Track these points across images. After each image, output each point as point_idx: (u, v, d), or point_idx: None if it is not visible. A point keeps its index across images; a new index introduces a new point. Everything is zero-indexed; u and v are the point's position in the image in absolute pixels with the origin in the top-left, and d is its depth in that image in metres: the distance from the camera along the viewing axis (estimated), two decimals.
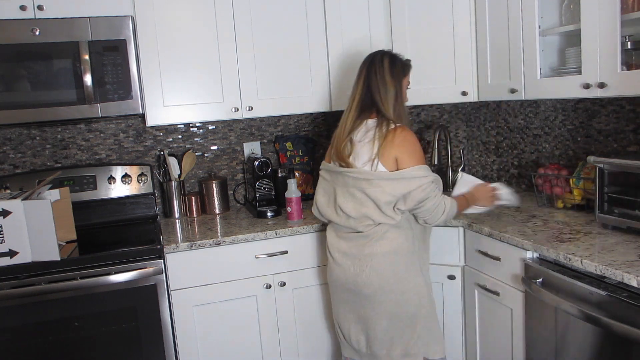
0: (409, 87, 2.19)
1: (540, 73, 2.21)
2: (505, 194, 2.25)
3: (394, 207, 2.00)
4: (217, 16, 2.56)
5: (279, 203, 2.82)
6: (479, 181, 2.29)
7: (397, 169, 2.01)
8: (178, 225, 2.66)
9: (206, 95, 2.59)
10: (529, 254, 1.97)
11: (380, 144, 2.02)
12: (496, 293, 2.15)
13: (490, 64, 2.49)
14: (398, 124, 2.06)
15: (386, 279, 2.03)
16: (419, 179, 1.98)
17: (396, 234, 2.04)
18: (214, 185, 2.84)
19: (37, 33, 2.29)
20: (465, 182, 2.28)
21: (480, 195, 2.22)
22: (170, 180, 2.82)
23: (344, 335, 2.22)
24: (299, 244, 2.45)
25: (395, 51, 2.20)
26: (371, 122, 2.09)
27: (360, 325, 2.14)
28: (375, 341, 2.11)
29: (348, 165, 2.08)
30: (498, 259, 2.13)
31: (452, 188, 2.31)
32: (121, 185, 2.75)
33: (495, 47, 2.44)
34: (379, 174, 2.01)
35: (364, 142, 2.06)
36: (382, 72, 2.08)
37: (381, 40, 2.77)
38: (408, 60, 2.20)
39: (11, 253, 2.08)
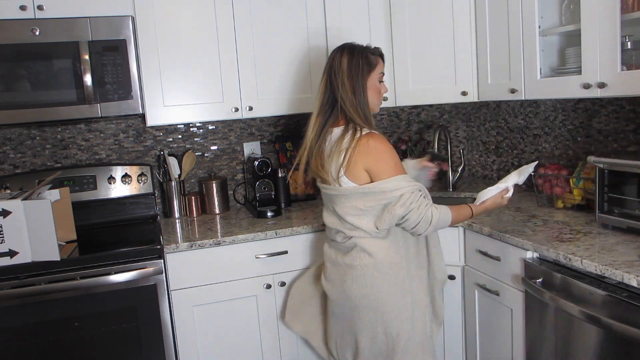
0: (382, 80, 1.97)
1: (540, 73, 2.21)
2: (513, 179, 2.04)
3: (373, 223, 1.86)
4: (217, 16, 2.56)
5: (279, 203, 2.82)
6: (496, 191, 2.04)
7: (371, 182, 1.85)
8: (178, 225, 2.66)
9: (206, 95, 2.59)
10: (529, 254, 1.97)
11: (345, 156, 1.83)
12: (496, 293, 2.15)
13: (490, 64, 2.49)
14: (366, 131, 1.86)
15: (366, 294, 1.90)
16: (394, 191, 1.81)
17: (378, 246, 1.89)
18: (214, 185, 2.84)
19: (37, 33, 2.29)
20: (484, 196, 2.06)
21: (491, 201, 2.01)
22: (170, 180, 2.81)
23: (329, 350, 2.17)
24: (299, 244, 2.45)
25: (367, 42, 2.00)
26: (337, 131, 1.91)
27: (346, 340, 2.06)
28: (359, 357, 2.02)
29: (322, 179, 1.94)
30: (498, 259, 2.13)
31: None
32: (121, 185, 2.75)
33: (495, 47, 2.44)
34: (345, 190, 1.87)
35: (331, 155, 1.89)
36: (340, 73, 1.89)
37: (381, 40, 2.77)
38: (376, 50, 1.98)
39: (11, 253, 2.08)
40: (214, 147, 2.99)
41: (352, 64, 1.89)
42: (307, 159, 1.97)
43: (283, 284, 2.44)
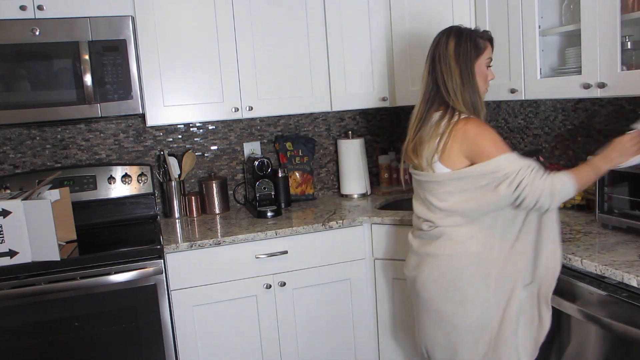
0: (490, 65, 1.87)
1: (540, 73, 2.21)
2: None
3: (469, 207, 1.75)
4: (217, 16, 2.56)
5: (279, 203, 2.82)
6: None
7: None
8: (178, 225, 2.66)
9: (206, 95, 2.59)
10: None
11: (440, 141, 1.76)
12: None
13: None
14: (464, 116, 1.77)
15: (444, 285, 1.81)
16: (495, 172, 1.69)
17: (466, 235, 1.78)
18: (214, 185, 2.84)
19: (37, 33, 2.29)
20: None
21: (618, 150, 1.75)
22: (170, 180, 2.81)
23: (419, 345, 2.05)
24: (299, 244, 2.45)
25: (472, 24, 1.87)
26: (435, 116, 1.83)
27: (422, 332, 1.97)
28: (434, 353, 1.92)
29: (416, 167, 1.88)
30: None
31: None
32: (121, 185, 2.75)
33: (495, 47, 2.43)
34: (438, 175, 1.78)
35: (427, 140, 1.82)
36: (446, 56, 1.80)
37: (381, 40, 2.78)
38: (484, 33, 1.87)
39: (11, 253, 2.08)
40: (214, 147, 2.99)
41: (460, 47, 1.80)
42: (405, 144, 1.90)
43: (283, 284, 2.44)
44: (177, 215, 2.83)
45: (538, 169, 1.71)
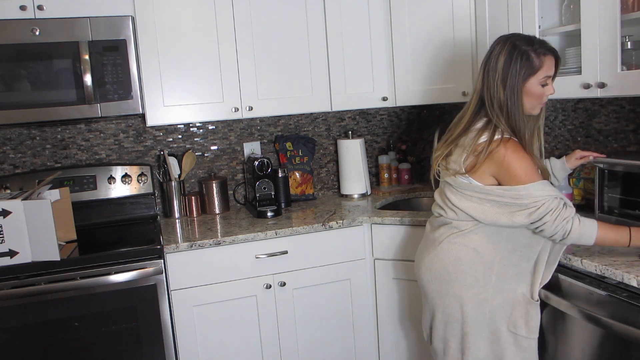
0: (546, 83, 1.75)
1: None
2: None
3: (483, 214, 1.75)
4: (217, 16, 2.56)
5: (279, 203, 2.82)
6: None
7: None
8: (178, 225, 2.66)
9: (206, 95, 2.59)
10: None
11: (478, 159, 1.73)
12: None
13: None
14: (504, 136, 1.71)
15: (440, 273, 1.83)
16: (519, 200, 1.67)
17: (471, 228, 1.79)
18: (214, 185, 2.84)
19: (37, 33, 2.29)
20: None
21: None
22: (170, 180, 2.81)
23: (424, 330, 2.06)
24: (299, 244, 2.45)
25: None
26: (478, 126, 1.78)
27: (423, 315, 2.00)
28: (434, 335, 1.93)
29: (445, 167, 1.85)
30: None
31: None
32: (121, 185, 2.75)
33: None
34: (468, 186, 1.77)
35: (462, 152, 1.79)
36: (494, 72, 1.73)
37: (381, 41, 2.78)
38: (543, 46, 1.73)
39: (11, 253, 2.08)
40: (214, 147, 2.99)
41: (509, 66, 1.71)
42: (441, 143, 1.86)
43: (283, 284, 2.44)
44: (177, 215, 2.83)
45: (567, 205, 1.68)
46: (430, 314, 1.95)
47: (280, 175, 2.85)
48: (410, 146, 3.23)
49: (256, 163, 2.76)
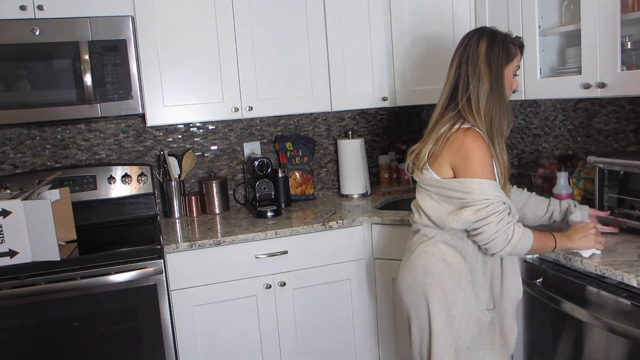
0: (517, 73, 1.79)
1: (540, 73, 2.21)
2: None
3: (444, 219, 1.72)
4: (217, 16, 2.56)
5: (279, 203, 2.82)
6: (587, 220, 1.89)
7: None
8: (178, 225, 2.66)
9: (206, 95, 2.59)
10: (529, 255, 1.97)
11: (435, 146, 1.72)
12: None
13: None
14: (467, 125, 1.70)
15: (411, 283, 1.80)
16: (475, 194, 1.64)
17: (438, 238, 1.77)
18: (214, 185, 2.84)
19: (37, 33, 2.29)
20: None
21: (579, 239, 1.73)
22: (170, 180, 2.81)
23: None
24: (299, 244, 2.45)
25: (472, 25, 1.78)
26: (446, 119, 1.76)
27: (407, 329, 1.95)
28: (413, 346, 1.88)
29: (416, 164, 1.84)
30: None
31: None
32: (121, 185, 2.75)
33: None
34: (426, 179, 1.76)
35: (426, 140, 1.78)
36: (475, 58, 1.71)
37: (381, 40, 2.78)
38: (517, 40, 1.78)
39: (11, 253, 2.08)
40: (214, 147, 2.99)
41: (493, 50, 1.71)
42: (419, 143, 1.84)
43: (283, 284, 2.44)
44: (177, 215, 2.83)
45: (509, 212, 1.68)
46: (408, 324, 1.90)
47: (280, 175, 2.85)
48: (410, 146, 3.22)
49: (256, 163, 2.76)
